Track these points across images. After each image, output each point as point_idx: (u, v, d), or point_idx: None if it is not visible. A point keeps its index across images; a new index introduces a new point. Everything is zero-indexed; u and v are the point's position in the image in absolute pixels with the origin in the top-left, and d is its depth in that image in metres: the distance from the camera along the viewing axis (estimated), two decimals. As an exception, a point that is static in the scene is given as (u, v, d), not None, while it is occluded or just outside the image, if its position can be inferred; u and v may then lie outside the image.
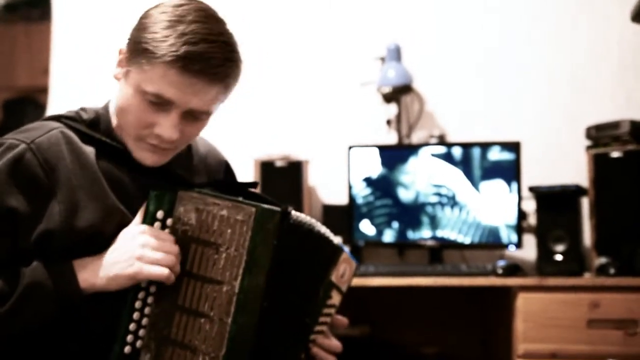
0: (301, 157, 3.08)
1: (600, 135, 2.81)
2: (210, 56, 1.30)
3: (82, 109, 1.46)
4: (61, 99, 3.42)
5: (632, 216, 2.67)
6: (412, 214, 3.00)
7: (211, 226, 1.31)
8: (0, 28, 4.74)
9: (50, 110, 3.44)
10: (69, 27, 3.46)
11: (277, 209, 1.31)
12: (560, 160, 3.08)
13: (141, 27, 1.35)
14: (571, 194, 2.78)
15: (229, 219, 1.29)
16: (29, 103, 4.51)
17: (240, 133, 3.32)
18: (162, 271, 1.30)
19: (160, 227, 1.35)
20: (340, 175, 3.13)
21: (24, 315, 1.29)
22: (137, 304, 1.34)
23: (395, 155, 3.05)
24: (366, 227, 3.03)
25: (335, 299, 1.38)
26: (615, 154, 2.73)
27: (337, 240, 1.37)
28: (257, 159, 3.05)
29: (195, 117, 1.37)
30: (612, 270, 2.59)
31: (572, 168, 2.99)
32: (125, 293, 1.33)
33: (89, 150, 1.39)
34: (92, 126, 1.43)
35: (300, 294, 1.35)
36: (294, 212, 1.34)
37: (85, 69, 3.39)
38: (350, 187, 3.05)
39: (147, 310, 1.34)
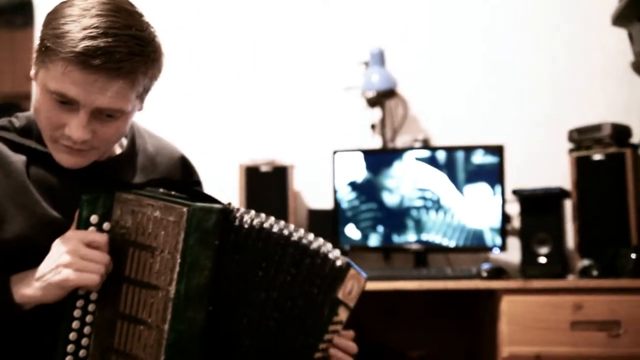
0: (286, 162, 3.09)
1: (582, 138, 2.84)
2: (112, 50, 1.22)
3: (15, 116, 1.42)
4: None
5: (615, 218, 2.70)
6: (397, 218, 3.01)
7: (146, 229, 1.26)
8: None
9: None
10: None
11: (216, 206, 1.25)
12: (543, 163, 3.10)
13: (45, 23, 1.29)
14: (554, 196, 2.80)
15: (162, 220, 1.24)
16: (13, 109, 4.49)
17: (225, 138, 3.33)
18: (90, 278, 1.24)
19: (96, 231, 1.29)
20: (325, 180, 3.14)
21: None
22: (76, 313, 1.29)
23: (379, 159, 3.07)
24: (351, 232, 3.04)
25: (342, 315, 1.29)
26: (597, 157, 2.76)
27: (337, 254, 1.28)
28: (242, 164, 3.05)
29: (108, 115, 1.28)
30: (595, 272, 2.62)
31: (555, 171, 3.01)
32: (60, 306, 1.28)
33: (18, 159, 1.34)
34: (24, 133, 1.38)
35: (298, 313, 1.27)
36: (264, 219, 1.28)
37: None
38: (335, 192, 3.06)
39: (88, 318, 1.29)
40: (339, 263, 1.26)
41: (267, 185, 3.03)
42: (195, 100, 3.35)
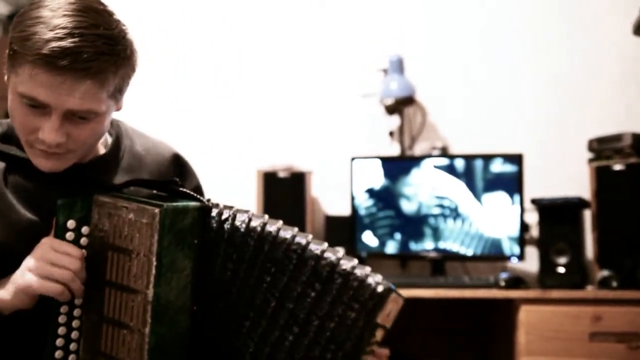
0: (304, 168, 3.09)
1: (602, 148, 2.82)
2: (78, 50, 1.19)
3: None
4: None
5: (635, 229, 2.68)
6: (414, 225, 3.00)
7: (122, 231, 1.23)
8: (4, 38, 4.76)
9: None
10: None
11: (192, 204, 1.22)
12: (563, 172, 3.09)
13: (13, 26, 1.26)
14: (573, 206, 2.78)
15: (136, 222, 1.21)
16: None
17: (243, 144, 3.33)
18: (53, 287, 1.21)
19: (75, 237, 1.27)
20: (343, 187, 3.14)
21: None
22: (61, 319, 1.27)
23: (397, 166, 3.06)
24: (369, 239, 3.03)
25: (379, 336, 1.25)
26: (617, 167, 2.74)
27: (378, 279, 1.23)
28: (260, 170, 3.06)
29: (81, 117, 1.25)
30: (614, 283, 2.60)
31: (574, 180, 2.99)
32: (44, 312, 1.26)
33: None
34: (4, 140, 1.37)
35: (331, 335, 1.23)
36: (279, 226, 1.23)
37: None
38: (352, 198, 3.06)
39: (75, 323, 1.28)
40: (380, 289, 1.22)
41: (285, 191, 3.02)
42: (215, 106, 3.36)
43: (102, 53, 1.22)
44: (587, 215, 2.84)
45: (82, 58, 1.20)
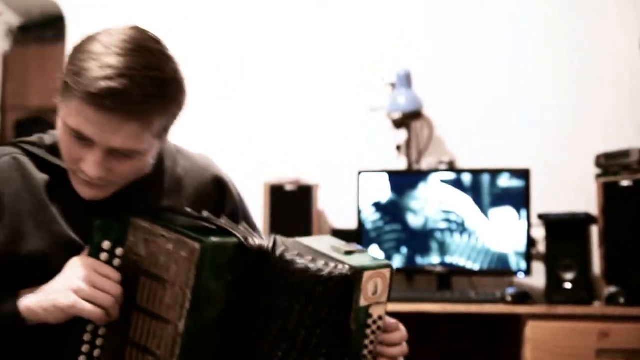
0: (311, 182, 3.09)
1: (609, 164, 2.81)
2: (127, 92, 1.20)
3: (47, 133, 1.42)
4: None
5: (642, 245, 2.67)
6: (421, 239, 3.00)
7: (158, 260, 1.23)
8: (14, 49, 4.79)
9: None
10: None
11: (230, 241, 1.21)
12: (570, 188, 3.08)
13: (69, 58, 1.28)
14: (580, 222, 2.78)
15: (175, 254, 1.20)
16: (41, 123, 4.54)
17: (250, 157, 3.34)
18: (95, 311, 1.21)
19: (109, 258, 1.27)
20: (350, 200, 3.13)
21: None
22: (87, 337, 1.27)
23: (404, 180, 3.06)
24: (375, 252, 3.03)
25: (377, 313, 1.28)
26: (625, 183, 2.73)
27: (345, 267, 1.23)
28: (267, 183, 3.06)
29: (124, 155, 1.27)
30: (621, 300, 2.58)
31: (582, 196, 2.98)
32: (69, 327, 1.26)
33: (41, 177, 1.35)
34: (52, 151, 1.38)
35: (317, 342, 1.24)
36: (280, 244, 1.24)
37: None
38: (359, 212, 3.05)
39: (99, 341, 1.28)
40: (345, 275, 1.23)
41: (292, 204, 3.03)
42: (222, 119, 3.37)
43: (151, 95, 1.23)
44: (595, 231, 2.83)
45: (129, 100, 1.21)
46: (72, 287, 1.22)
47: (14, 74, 4.72)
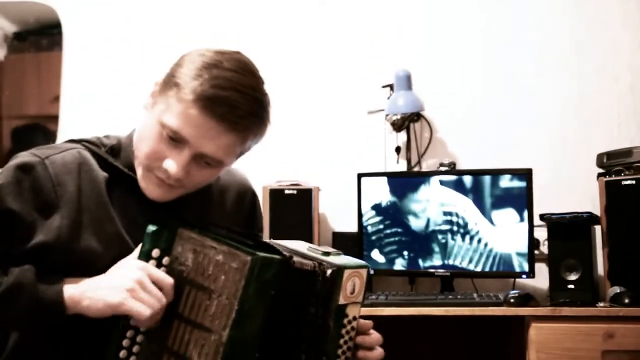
0: (311, 185, 3.07)
1: (611, 163, 2.80)
2: (236, 105, 1.30)
3: (106, 136, 1.48)
4: (71, 127, 3.44)
5: (646, 244, 2.64)
6: (422, 242, 2.98)
7: (206, 270, 1.27)
8: (10, 56, 4.77)
9: (60, 138, 3.45)
10: (79, 55, 3.48)
11: (277, 257, 1.25)
12: (572, 188, 3.06)
13: (178, 63, 1.36)
14: (583, 222, 2.75)
15: (224, 265, 1.25)
16: (38, 130, 4.52)
17: (250, 160, 3.30)
18: (145, 311, 1.25)
19: (155, 265, 1.31)
20: (350, 203, 3.11)
21: (1, 313, 1.28)
22: (125, 342, 1.30)
23: (405, 183, 3.04)
24: (376, 255, 3.01)
25: (352, 313, 1.31)
26: (628, 182, 2.71)
27: (333, 262, 1.29)
28: (267, 186, 3.04)
29: (207, 162, 1.35)
30: (626, 300, 2.56)
31: (584, 196, 2.96)
32: (105, 327, 1.30)
33: (103, 175, 1.40)
34: (112, 153, 1.44)
35: (298, 336, 1.29)
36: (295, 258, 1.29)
37: (95, 97, 3.40)
38: (360, 215, 3.03)
39: (135, 348, 1.31)
40: (329, 272, 1.28)
41: (292, 207, 3.01)
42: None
43: (253, 114, 1.33)
44: (598, 230, 2.81)
45: (237, 113, 1.30)
46: (126, 286, 1.25)
47: (10, 82, 4.69)
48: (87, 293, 1.28)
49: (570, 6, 3.22)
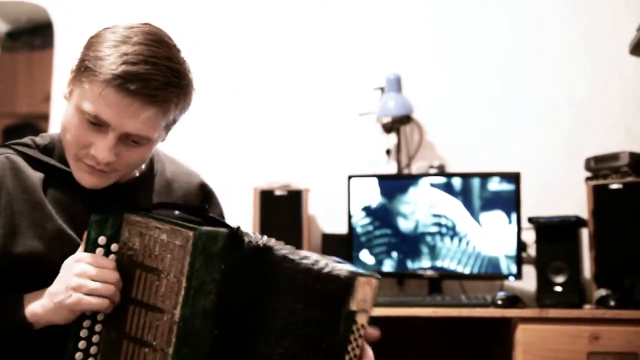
0: (301, 186, 3.08)
1: (599, 167, 2.82)
2: (150, 77, 1.26)
3: (40, 136, 1.45)
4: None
5: (632, 248, 2.66)
6: (411, 244, 3.00)
7: (153, 251, 1.26)
8: (2, 56, 4.77)
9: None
10: (71, 54, 3.47)
11: (223, 230, 1.24)
12: (560, 191, 3.09)
13: (87, 46, 1.34)
14: (571, 225, 2.78)
15: (169, 243, 1.24)
16: (29, 129, 4.52)
17: (240, 162, 3.33)
18: (100, 302, 1.25)
19: (104, 253, 1.30)
20: (340, 205, 3.13)
21: None
22: (83, 333, 1.30)
23: (394, 185, 3.06)
24: (366, 257, 3.02)
25: (361, 320, 1.29)
26: (615, 186, 2.73)
27: (341, 268, 1.26)
28: (257, 188, 3.05)
29: (134, 141, 1.32)
30: (612, 303, 2.58)
31: (572, 199, 2.99)
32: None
33: (36, 175, 1.37)
34: (46, 152, 1.41)
35: (308, 338, 1.27)
36: (274, 244, 1.27)
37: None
38: (349, 217, 3.05)
39: (95, 338, 1.30)
40: (344, 276, 1.26)
41: (282, 209, 3.02)
42: (211, 124, 3.36)
43: (170, 84, 1.30)
44: (585, 234, 2.83)
45: (152, 85, 1.27)
46: (72, 286, 1.25)
47: (2, 81, 4.70)
48: (47, 305, 1.27)
49: (561, 12, 3.25)
